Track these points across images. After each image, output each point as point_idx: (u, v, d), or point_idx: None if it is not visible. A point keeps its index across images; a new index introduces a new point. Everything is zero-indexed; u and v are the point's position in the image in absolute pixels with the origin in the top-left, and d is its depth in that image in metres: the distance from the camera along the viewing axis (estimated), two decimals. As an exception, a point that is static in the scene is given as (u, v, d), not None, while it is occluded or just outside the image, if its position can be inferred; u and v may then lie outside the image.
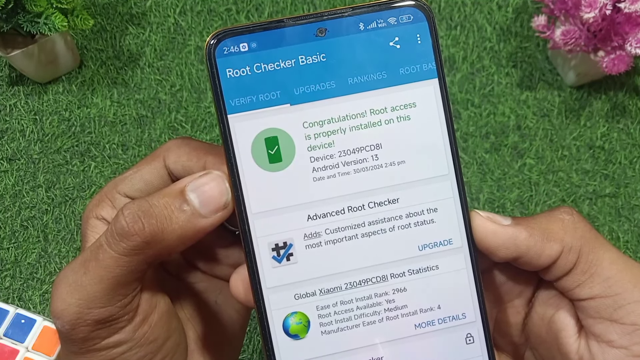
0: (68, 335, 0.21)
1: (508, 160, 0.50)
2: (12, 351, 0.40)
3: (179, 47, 0.55)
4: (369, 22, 0.20)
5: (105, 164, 0.50)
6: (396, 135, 0.20)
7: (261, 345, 0.21)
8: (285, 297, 0.20)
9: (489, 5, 0.56)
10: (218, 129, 0.24)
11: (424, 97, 0.20)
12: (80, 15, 0.47)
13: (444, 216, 0.21)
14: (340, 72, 0.20)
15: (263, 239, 0.20)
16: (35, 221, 0.49)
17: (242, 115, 0.20)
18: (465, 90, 0.53)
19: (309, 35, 0.20)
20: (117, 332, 0.21)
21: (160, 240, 0.20)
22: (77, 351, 0.21)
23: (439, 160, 0.20)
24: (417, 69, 0.20)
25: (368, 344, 0.21)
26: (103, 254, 0.20)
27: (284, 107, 0.20)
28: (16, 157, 0.51)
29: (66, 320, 0.20)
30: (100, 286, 0.20)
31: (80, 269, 0.20)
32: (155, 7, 0.56)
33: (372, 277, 0.21)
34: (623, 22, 0.45)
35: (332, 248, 0.20)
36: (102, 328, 0.21)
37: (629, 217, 0.49)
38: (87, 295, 0.20)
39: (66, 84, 0.53)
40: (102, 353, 0.21)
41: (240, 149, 0.20)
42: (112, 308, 0.20)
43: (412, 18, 0.20)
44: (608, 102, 0.53)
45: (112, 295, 0.20)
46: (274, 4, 0.56)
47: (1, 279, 0.47)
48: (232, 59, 0.20)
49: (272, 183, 0.20)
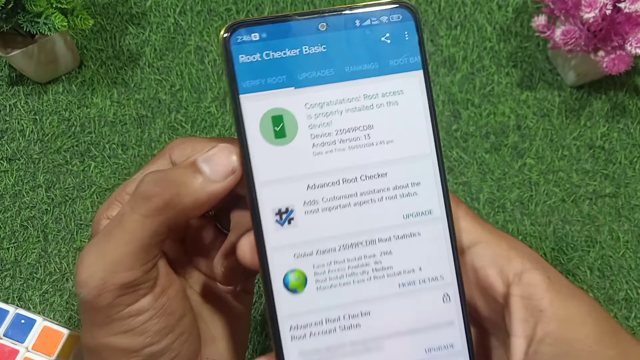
0: (93, 304, 0.22)
1: (508, 160, 0.50)
2: (12, 351, 0.40)
3: (179, 47, 0.55)
4: (364, 19, 0.23)
5: (105, 164, 0.50)
6: (386, 117, 0.23)
7: (264, 300, 0.23)
8: (286, 256, 0.23)
9: (489, 5, 0.56)
10: (231, 108, 0.26)
11: (410, 86, 0.23)
12: (80, 15, 0.47)
13: (425, 189, 0.23)
14: (338, 62, 0.23)
15: (267, 205, 0.23)
16: (35, 221, 0.49)
17: (252, 95, 0.22)
18: (465, 90, 0.53)
19: (312, 29, 0.23)
20: (139, 300, 0.22)
21: (177, 203, 0.22)
22: (100, 322, 0.22)
23: (422, 140, 0.23)
24: (404, 61, 0.23)
25: (357, 299, 0.23)
26: (126, 219, 0.22)
27: (289, 90, 0.23)
28: (16, 157, 0.51)
29: (92, 286, 0.22)
30: (125, 249, 0.22)
31: (103, 238, 0.22)
32: (155, 7, 0.56)
33: (362, 241, 0.23)
34: (623, 22, 0.45)
35: (328, 214, 0.23)
36: (126, 294, 0.22)
37: (629, 217, 0.49)
38: (112, 260, 0.22)
39: (66, 84, 0.53)
40: (125, 322, 0.22)
41: (249, 125, 0.22)
42: (135, 272, 0.22)
43: (401, 17, 0.24)
44: (608, 102, 0.52)
45: (135, 259, 0.22)
46: (274, 4, 0.56)
47: (1, 279, 0.47)
48: (245, 46, 0.22)
49: (277, 156, 0.23)
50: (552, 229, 0.48)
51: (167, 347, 0.24)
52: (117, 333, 0.23)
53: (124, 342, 0.23)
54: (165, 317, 0.23)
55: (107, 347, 0.23)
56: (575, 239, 0.48)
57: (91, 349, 0.23)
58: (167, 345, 0.24)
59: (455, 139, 0.51)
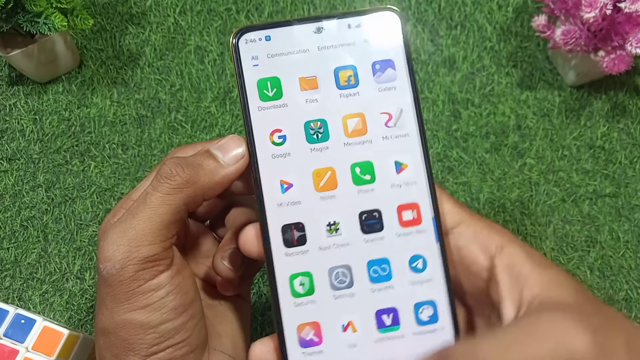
0: (118, 277, 0.24)
1: (508, 160, 0.50)
2: (12, 351, 0.40)
3: (178, 47, 0.55)
4: (355, 22, 0.26)
5: (105, 163, 0.50)
6: (380, 103, 0.26)
7: (267, 282, 0.25)
8: (287, 213, 0.25)
9: (489, 5, 0.56)
10: (239, 97, 0.29)
11: (398, 78, 0.26)
12: (80, 15, 0.47)
13: (412, 163, 0.26)
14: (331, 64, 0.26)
15: (270, 181, 0.25)
16: (35, 221, 0.49)
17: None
18: (465, 90, 0.53)
19: (309, 31, 0.26)
20: (158, 275, 0.24)
21: (195, 182, 0.25)
22: (122, 297, 0.24)
23: (409, 121, 0.26)
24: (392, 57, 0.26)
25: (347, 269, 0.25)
26: (150, 197, 0.24)
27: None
28: (16, 157, 0.51)
29: (117, 260, 0.24)
30: (147, 225, 0.24)
31: (127, 216, 0.24)
32: (155, 6, 0.56)
33: (361, 190, 0.26)
34: (623, 21, 0.45)
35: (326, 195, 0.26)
36: (147, 268, 0.24)
37: (629, 217, 0.49)
38: (136, 235, 0.24)
39: (66, 84, 0.53)
40: (144, 297, 0.24)
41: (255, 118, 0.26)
42: (156, 247, 0.24)
43: (386, 20, 0.26)
44: (608, 102, 0.52)
45: (157, 235, 0.24)
46: (274, 4, 0.56)
47: (1, 279, 0.47)
48: (251, 46, 0.26)
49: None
50: (552, 229, 0.48)
51: (181, 325, 0.25)
52: (137, 308, 0.24)
53: (142, 317, 0.24)
54: (180, 296, 0.25)
55: (126, 323, 0.24)
56: (575, 239, 0.48)
57: (108, 330, 0.25)
58: (181, 324, 0.25)
59: (455, 139, 0.51)
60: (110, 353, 0.25)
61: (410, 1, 0.56)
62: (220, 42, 0.55)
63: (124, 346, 0.25)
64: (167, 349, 0.25)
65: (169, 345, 0.25)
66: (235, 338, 0.30)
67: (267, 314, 0.46)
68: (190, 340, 0.26)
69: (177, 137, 0.51)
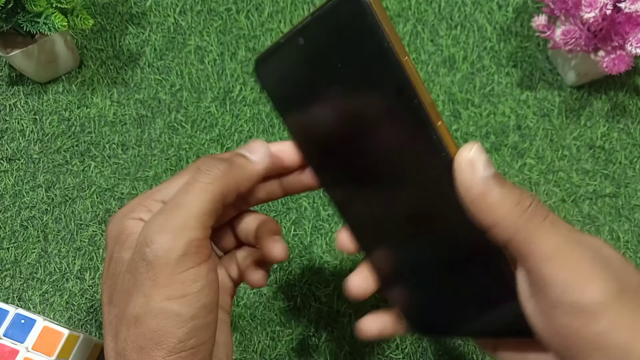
0: (162, 259, 0.25)
1: (508, 160, 0.50)
2: (12, 351, 0.40)
3: (178, 47, 0.55)
4: (326, 20, 0.25)
5: (105, 163, 0.50)
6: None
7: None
8: None
9: (489, 5, 0.56)
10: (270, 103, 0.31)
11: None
12: (80, 15, 0.47)
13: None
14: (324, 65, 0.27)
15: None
16: (35, 221, 0.49)
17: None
18: (465, 90, 0.53)
19: (296, 42, 0.27)
20: (199, 265, 0.25)
21: (231, 174, 0.27)
22: (163, 281, 0.25)
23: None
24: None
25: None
26: (192, 187, 0.26)
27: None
28: (16, 157, 0.51)
29: (163, 242, 0.25)
30: (192, 210, 0.25)
31: (170, 205, 0.26)
32: (155, 6, 0.56)
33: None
34: (623, 22, 0.45)
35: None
36: (191, 253, 0.25)
37: (629, 217, 0.49)
38: (180, 220, 0.25)
39: (66, 84, 0.53)
40: (184, 285, 0.25)
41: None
42: (200, 231, 0.25)
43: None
44: (608, 102, 0.52)
45: (199, 222, 0.25)
46: (274, 4, 0.56)
47: (1, 279, 0.47)
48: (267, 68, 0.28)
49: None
50: (552, 229, 0.48)
51: (208, 324, 0.26)
52: (175, 297, 0.25)
53: (178, 307, 0.25)
54: (213, 293, 0.26)
55: (162, 311, 0.25)
56: (575, 239, 0.48)
57: (140, 319, 0.25)
58: (208, 323, 0.26)
59: (456, 139, 0.51)
60: (135, 345, 0.25)
61: (410, 1, 0.56)
62: (220, 42, 0.55)
63: (152, 338, 0.25)
64: (191, 349, 0.25)
65: (193, 345, 0.25)
66: (227, 347, 0.31)
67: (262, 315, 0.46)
68: (208, 344, 0.26)
69: (177, 137, 0.51)
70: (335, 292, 0.46)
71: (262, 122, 0.52)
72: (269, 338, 0.45)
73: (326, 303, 0.46)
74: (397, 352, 0.45)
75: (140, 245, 0.25)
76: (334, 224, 0.48)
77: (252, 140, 0.29)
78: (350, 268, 0.47)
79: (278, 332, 0.45)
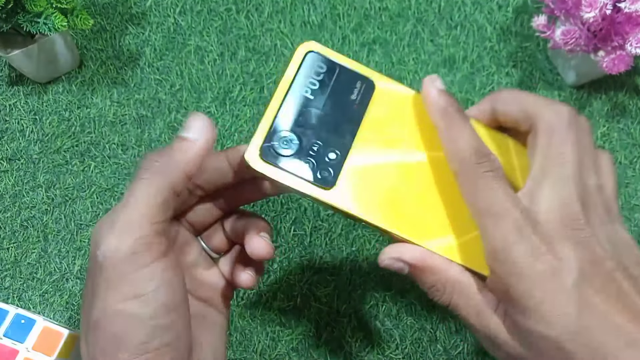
0: (111, 260, 0.25)
1: (508, 160, 0.50)
2: (11, 351, 0.40)
3: (178, 47, 0.55)
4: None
5: (105, 164, 0.50)
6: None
7: None
8: None
9: (489, 5, 0.56)
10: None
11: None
12: (80, 15, 0.47)
13: None
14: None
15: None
16: (35, 221, 0.49)
17: None
18: (465, 90, 0.53)
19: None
20: (151, 263, 0.25)
21: (173, 162, 0.27)
22: (115, 282, 0.25)
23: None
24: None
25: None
26: (134, 185, 0.26)
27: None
28: (16, 157, 0.51)
29: (110, 243, 0.25)
30: (136, 210, 0.25)
31: (117, 207, 0.26)
32: (155, 7, 0.56)
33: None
34: (623, 21, 0.45)
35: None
36: (140, 251, 0.25)
37: (629, 217, 0.49)
38: (126, 220, 0.25)
39: (66, 84, 0.53)
40: (137, 284, 0.25)
41: None
42: (146, 228, 0.25)
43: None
44: (608, 102, 0.52)
45: (147, 219, 0.25)
46: (274, 4, 0.56)
47: (1, 279, 0.47)
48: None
49: None
50: (552, 229, 0.48)
51: (170, 324, 0.25)
52: (130, 297, 0.25)
53: (135, 308, 0.25)
54: (171, 292, 0.26)
55: (118, 314, 0.24)
56: (575, 239, 0.48)
57: (99, 324, 0.25)
58: (171, 322, 0.25)
59: (455, 139, 0.51)
60: (100, 348, 0.25)
61: (410, 1, 0.56)
62: (220, 42, 0.55)
63: (113, 341, 0.24)
64: (156, 350, 0.25)
65: (158, 346, 0.25)
66: (216, 349, 0.30)
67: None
68: (178, 345, 0.26)
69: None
70: (335, 292, 0.46)
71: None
72: (269, 338, 0.45)
73: (326, 303, 0.46)
74: (397, 352, 0.45)
75: (92, 249, 0.25)
76: (334, 224, 0.48)
77: (190, 114, 0.28)
78: (351, 268, 0.47)
79: (278, 332, 0.45)
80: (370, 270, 0.47)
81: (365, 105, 0.30)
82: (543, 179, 0.26)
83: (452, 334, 0.45)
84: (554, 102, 0.28)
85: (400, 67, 0.54)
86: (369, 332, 0.45)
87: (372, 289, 0.46)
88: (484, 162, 0.26)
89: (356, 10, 0.56)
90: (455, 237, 0.28)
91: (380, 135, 0.29)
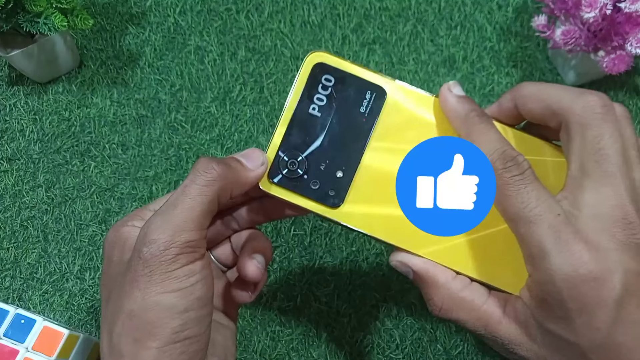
0: (159, 258, 0.26)
1: (508, 160, 0.50)
2: (12, 351, 0.40)
3: (178, 47, 0.55)
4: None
5: (105, 164, 0.50)
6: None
7: None
8: None
9: (489, 5, 0.56)
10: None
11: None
12: (80, 15, 0.47)
13: None
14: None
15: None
16: (35, 221, 0.49)
17: None
18: (465, 90, 0.53)
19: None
20: (194, 262, 0.27)
21: (226, 177, 0.28)
22: (158, 278, 0.26)
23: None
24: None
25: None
26: (189, 189, 0.27)
27: None
28: (16, 157, 0.51)
29: (161, 242, 0.26)
30: (189, 213, 0.26)
31: (169, 207, 0.27)
32: (155, 6, 0.56)
33: None
34: (623, 22, 0.45)
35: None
36: (186, 253, 0.26)
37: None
38: (178, 221, 0.26)
39: (66, 84, 0.53)
40: (179, 280, 0.26)
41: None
42: (196, 233, 0.27)
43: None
44: (608, 102, 0.52)
45: (196, 223, 0.27)
46: (274, 4, 0.56)
47: (1, 279, 0.47)
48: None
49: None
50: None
51: (201, 317, 0.27)
52: (170, 291, 0.26)
53: (173, 300, 0.26)
54: (207, 287, 0.27)
55: (156, 304, 0.26)
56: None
57: (135, 313, 0.26)
58: (202, 316, 0.27)
59: (455, 139, 0.51)
60: (130, 338, 0.26)
61: (410, 1, 0.56)
62: (220, 42, 0.55)
63: (147, 329, 0.25)
64: (185, 340, 0.26)
65: (187, 336, 0.26)
66: (227, 349, 0.32)
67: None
68: (203, 337, 0.27)
69: (177, 137, 0.51)
70: (335, 292, 0.46)
71: (262, 122, 0.52)
72: (269, 338, 0.45)
73: (326, 303, 0.46)
74: (397, 352, 0.45)
75: (138, 244, 0.26)
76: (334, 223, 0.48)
77: (250, 148, 0.30)
78: (351, 268, 0.47)
79: (278, 332, 0.45)
80: (370, 270, 0.47)
81: (375, 115, 0.29)
82: (583, 179, 0.24)
83: (452, 334, 0.45)
84: (581, 92, 0.26)
85: (400, 67, 0.54)
86: (369, 332, 0.45)
87: (372, 289, 0.46)
88: (511, 167, 0.25)
89: (356, 10, 0.56)
90: (465, 250, 0.28)
91: (391, 146, 0.29)
